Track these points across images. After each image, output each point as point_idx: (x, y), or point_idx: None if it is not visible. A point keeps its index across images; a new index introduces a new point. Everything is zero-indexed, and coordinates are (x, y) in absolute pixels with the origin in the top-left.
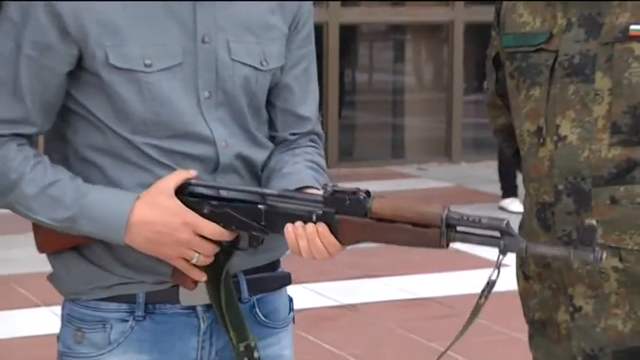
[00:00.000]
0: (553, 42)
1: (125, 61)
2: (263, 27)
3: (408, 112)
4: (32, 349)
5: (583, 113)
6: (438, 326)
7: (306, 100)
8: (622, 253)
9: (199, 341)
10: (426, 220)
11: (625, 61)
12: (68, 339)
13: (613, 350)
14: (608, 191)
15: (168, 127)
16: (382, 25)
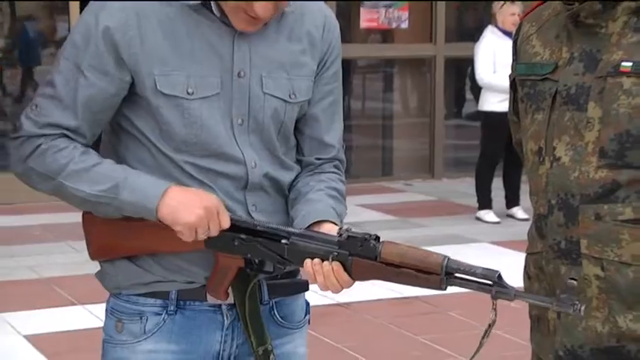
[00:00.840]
0: (557, 73)
1: (171, 88)
2: (294, 65)
3: (396, 135)
4: (69, 342)
5: (576, 138)
6: (423, 321)
7: (330, 130)
8: (604, 263)
9: (222, 335)
10: (428, 267)
11: (615, 93)
12: (110, 329)
13: (591, 348)
14: (593, 208)
15: (205, 147)
16: (374, 59)
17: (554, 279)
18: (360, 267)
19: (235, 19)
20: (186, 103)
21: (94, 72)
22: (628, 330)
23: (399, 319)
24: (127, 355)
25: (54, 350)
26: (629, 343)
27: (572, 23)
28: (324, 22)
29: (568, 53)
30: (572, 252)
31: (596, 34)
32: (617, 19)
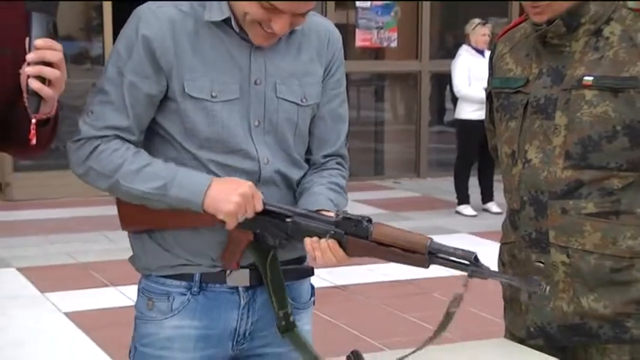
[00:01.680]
0: (528, 86)
1: (198, 91)
2: (304, 73)
3: (387, 140)
4: (103, 318)
5: (545, 142)
6: (410, 302)
7: (335, 129)
8: (569, 251)
9: (239, 314)
10: (414, 247)
11: (578, 104)
12: (142, 306)
13: (558, 325)
14: (560, 204)
15: (225, 145)
16: (367, 74)
17: (526, 265)
18: (354, 245)
19: (253, 34)
20: (210, 105)
21: (137, 76)
22: (590, 309)
23: (389, 299)
24: (156, 329)
25: (90, 325)
26: (590, 320)
27: (540, 43)
28: (328, 36)
29: (537, 69)
30: (541, 242)
31: (561, 53)
32: (579, 39)
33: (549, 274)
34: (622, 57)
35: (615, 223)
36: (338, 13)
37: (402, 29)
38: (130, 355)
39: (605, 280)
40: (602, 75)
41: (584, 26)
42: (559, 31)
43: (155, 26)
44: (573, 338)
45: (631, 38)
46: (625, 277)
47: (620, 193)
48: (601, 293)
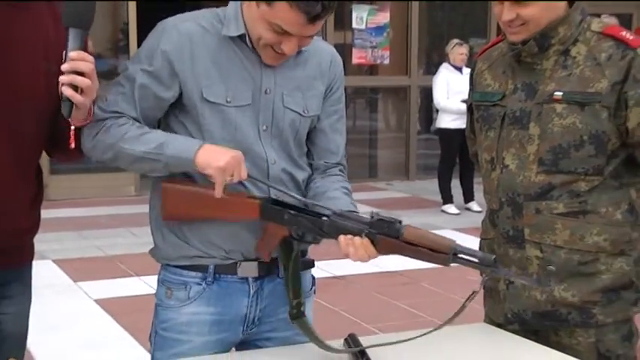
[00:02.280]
0: (504, 100)
1: (214, 97)
2: (307, 88)
3: (380, 146)
4: (128, 304)
5: (520, 150)
6: (401, 290)
7: (335, 141)
8: (542, 246)
9: (249, 301)
10: (440, 248)
11: (550, 116)
12: (161, 295)
13: (532, 312)
14: (534, 204)
15: (237, 145)
16: (362, 87)
17: (504, 259)
18: (385, 244)
19: (265, 55)
20: (225, 109)
21: (151, 80)
22: (560, 297)
23: (381, 288)
24: (174, 316)
25: (117, 311)
26: (561, 307)
27: (515, 61)
28: (331, 59)
29: (513, 85)
30: (517, 238)
31: (533, 70)
32: (550, 58)
33: (525, 267)
34: (587, 74)
35: (582, 221)
36: (337, 33)
37: (394, 48)
38: (151, 339)
39: (573, 272)
40: (571, 90)
41: (553, 47)
42: (532, 51)
43: (175, 40)
44: (546, 323)
45: (595, 58)
46: (591, 269)
47: (586, 195)
48: (570, 283)
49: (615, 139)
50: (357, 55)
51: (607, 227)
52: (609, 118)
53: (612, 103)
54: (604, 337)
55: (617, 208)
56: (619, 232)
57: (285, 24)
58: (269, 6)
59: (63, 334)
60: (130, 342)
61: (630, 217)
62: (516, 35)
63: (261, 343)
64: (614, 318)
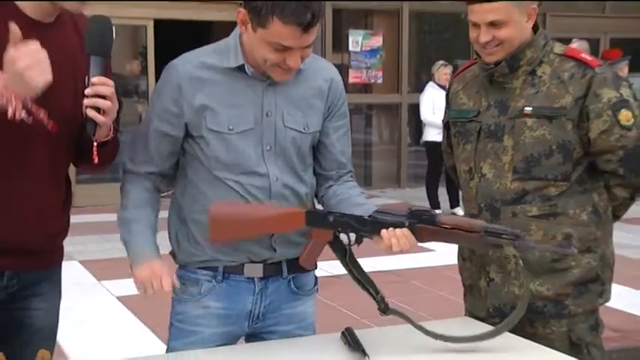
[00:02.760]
0: (479, 116)
1: (217, 126)
2: (307, 105)
3: (374, 158)
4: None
5: (496, 160)
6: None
7: (344, 152)
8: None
9: (254, 299)
10: (473, 228)
11: (521, 129)
12: (177, 290)
13: (511, 306)
14: (510, 208)
15: (240, 167)
16: (358, 104)
17: (484, 258)
18: (425, 231)
19: (274, 73)
20: (228, 137)
21: (161, 121)
22: (536, 292)
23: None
24: (188, 308)
25: (137, 307)
26: (536, 300)
27: (488, 81)
28: (331, 78)
29: (486, 102)
30: None
31: (505, 89)
32: (519, 77)
33: (503, 265)
34: (553, 91)
35: (554, 222)
36: (335, 55)
37: (386, 69)
38: (169, 329)
39: (547, 268)
40: (539, 106)
41: (522, 67)
42: (503, 71)
43: (181, 77)
44: (524, 316)
45: (559, 77)
46: (563, 266)
47: (556, 199)
48: (544, 279)
49: (579, 148)
50: (353, 75)
51: (575, 227)
52: (574, 130)
53: (576, 116)
54: (575, 327)
55: (583, 210)
56: (586, 232)
57: (284, 40)
58: (265, 28)
59: (88, 328)
60: (148, 335)
61: (595, 218)
62: (492, 56)
63: (266, 336)
64: (584, 308)
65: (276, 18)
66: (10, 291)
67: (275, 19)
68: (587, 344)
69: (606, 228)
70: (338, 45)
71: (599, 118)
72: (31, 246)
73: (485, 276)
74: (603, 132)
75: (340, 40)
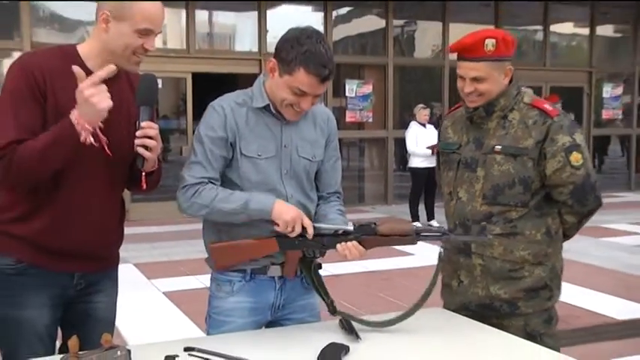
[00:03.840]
0: (460, 149)
1: (249, 152)
2: (314, 140)
3: (366, 180)
4: (188, 296)
5: (470, 187)
6: (382, 285)
7: (335, 177)
8: (483, 257)
9: (275, 293)
10: (406, 232)
11: (491, 163)
12: (213, 288)
13: (475, 304)
14: (478, 227)
15: (265, 185)
16: (353, 138)
17: (456, 264)
18: (368, 241)
19: (287, 113)
20: (257, 161)
21: (214, 145)
22: (495, 294)
23: (368, 284)
24: (222, 303)
25: (179, 300)
26: (495, 301)
27: (469, 121)
28: (328, 117)
29: (466, 138)
30: (466, 250)
31: (481, 128)
32: (493, 120)
33: (471, 271)
34: (519, 134)
35: (513, 240)
36: (335, 100)
37: (375, 111)
38: (206, 320)
39: (505, 276)
40: (507, 145)
41: (496, 112)
42: (481, 115)
43: (221, 111)
44: (485, 312)
45: (525, 122)
46: (518, 275)
47: (516, 221)
48: (502, 284)
49: (537, 181)
50: (349, 116)
51: (530, 245)
52: (534, 167)
53: (536, 156)
54: (530, 322)
55: (537, 231)
56: (539, 249)
57: (304, 86)
58: (291, 75)
59: (141, 317)
60: (188, 323)
61: (547, 238)
62: (474, 103)
63: (284, 322)
64: (534, 309)
65: (302, 68)
66: (79, 288)
67: (301, 69)
68: (541, 335)
69: (557, 246)
70: (337, 91)
71: (554, 159)
72: (95, 253)
73: (457, 278)
74: (557, 170)
75: (339, 87)
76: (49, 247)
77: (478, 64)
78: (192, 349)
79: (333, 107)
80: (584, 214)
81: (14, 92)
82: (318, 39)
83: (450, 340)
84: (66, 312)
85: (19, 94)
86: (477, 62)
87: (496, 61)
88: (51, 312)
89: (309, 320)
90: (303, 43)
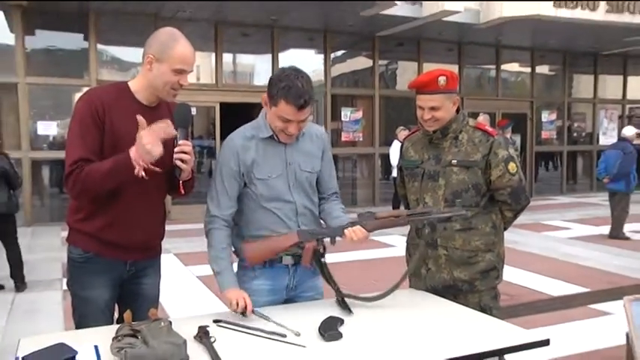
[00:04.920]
0: (422, 165)
1: (261, 175)
2: (312, 156)
3: (358, 187)
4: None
5: (433, 194)
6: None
7: (332, 181)
8: (447, 248)
9: (289, 277)
10: (401, 215)
11: (450, 174)
12: (239, 274)
13: (442, 286)
14: (443, 224)
15: (277, 198)
16: (348, 154)
17: (424, 255)
18: (370, 225)
19: (281, 137)
20: (268, 180)
21: (228, 178)
22: (458, 277)
23: (359, 270)
24: (247, 286)
25: (209, 283)
26: (458, 282)
27: (428, 142)
28: (322, 134)
29: (427, 155)
30: (433, 243)
31: (439, 147)
32: (447, 140)
33: (437, 260)
34: (469, 150)
35: (469, 233)
36: (332, 123)
37: (365, 132)
38: None
39: (464, 262)
40: (460, 159)
41: (449, 134)
42: (437, 137)
43: (234, 149)
44: (450, 291)
45: (472, 141)
46: (474, 260)
47: (471, 219)
48: (463, 269)
49: (485, 186)
50: (344, 136)
51: (482, 236)
52: (482, 175)
53: (483, 167)
54: (482, 298)
55: (486, 225)
56: (488, 239)
57: (287, 115)
58: (276, 106)
59: (179, 295)
60: (217, 301)
61: (493, 230)
62: (431, 127)
63: (297, 300)
64: (486, 287)
65: (283, 100)
66: (130, 273)
67: (282, 101)
68: (491, 308)
69: (500, 236)
70: (334, 117)
71: (497, 168)
72: (143, 245)
73: (425, 266)
74: (499, 177)
75: (336, 114)
76: (108, 241)
77: (434, 96)
78: (220, 321)
79: (331, 129)
80: (518, 210)
81: (81, 120)
82: (296, 76)
83: (423, 313)
84: (121, 291)
85: (84, 121)
86: (433, 95)
87: (447, 93)
88: (110, 291)
89: (316, 298)
90: (282, 80)
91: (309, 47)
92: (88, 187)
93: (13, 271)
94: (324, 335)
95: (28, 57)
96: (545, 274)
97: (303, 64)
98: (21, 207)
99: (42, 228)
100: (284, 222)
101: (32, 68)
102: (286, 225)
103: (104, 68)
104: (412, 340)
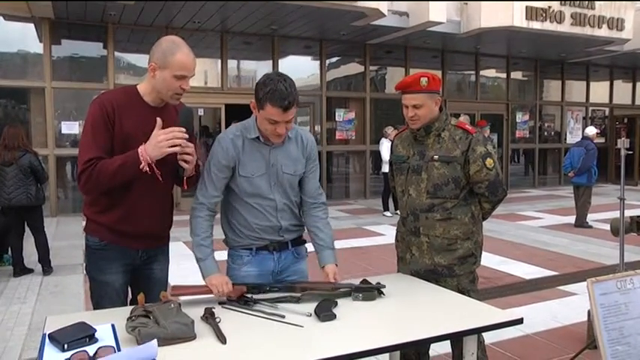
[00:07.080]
0: (409, 160)
1: (245, 173)
2: (295, 158)
3: (350, 181)
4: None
5: (417, 186)
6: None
7: (314, 184)
8: (429, 236)
9: (274, 263)
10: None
11: (432, 168)
12: (229, 261)
13: (424, 270)
14: (425, 214)
15: (259, 195)
16: (341, 151)
17: (409, 243)
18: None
19: (270, 137)
20: (251, 178)
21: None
22: (439, 262)
23: (352, 256)
24: (236, 272)
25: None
26: (439, 268)
27: (413, 139)
28: (307, 139)
29: (412, 151)
30: (416, 232)
31: (423, 144)
32: (431, 137)
33: (420, 246)
34: (450, 147)
35: (449, 223)
36: (328, 123)
37: (357, 131)
38: None
39: (444, 249)
40: (442, 155)
41: (432, 132)
42: (422, 134)
43: (224, 145)
44: (431, 276)
45: (453, 138)
46: (453, 248)
47: (451, 209)
48: (443, 255)
49: (464, 180)
50: (338, 135)
51: (461, 226)
52: (461, 170)
53: (462, 162)
54: (461, 282)
55: (465, 215)
56: (467, 228)
57: (273, 116)
58: (263, 109)
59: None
60: None
61: (472, 220)
62: (415, 124)
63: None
64: (464, 272)
65: (268, 103)
66: (142, 259)
67: (267, 104)
68: (469, 290)
69: (478, 225)
70: (329, 117)
71: (475, 163)
72: (153, 234)
73: (410, 252)
74: (477, 171)
75: (331, 114)
76: (122, 231)
77: (417, 95)
78: (224, 303)
79: (327, 129)
80: (495, 202)
81: (93, 122)
82: (280, 79)
83: (408, 294)
84: (133, 276)
85: (96, 123)
86: (416, 94)
87: (429, 92)
88: (124, 276)
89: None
90: (267, 84)
91: (306, 54)
92: (100, 182)
93: (40, 256)
94: (319, 316)
95: (54, 64)
96: (518, 259)
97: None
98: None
99: (66, 218)
100: (265, 215)
101: (57, 74)
102: (267, 218)
103: (121, 73)
104: (399, 319)
